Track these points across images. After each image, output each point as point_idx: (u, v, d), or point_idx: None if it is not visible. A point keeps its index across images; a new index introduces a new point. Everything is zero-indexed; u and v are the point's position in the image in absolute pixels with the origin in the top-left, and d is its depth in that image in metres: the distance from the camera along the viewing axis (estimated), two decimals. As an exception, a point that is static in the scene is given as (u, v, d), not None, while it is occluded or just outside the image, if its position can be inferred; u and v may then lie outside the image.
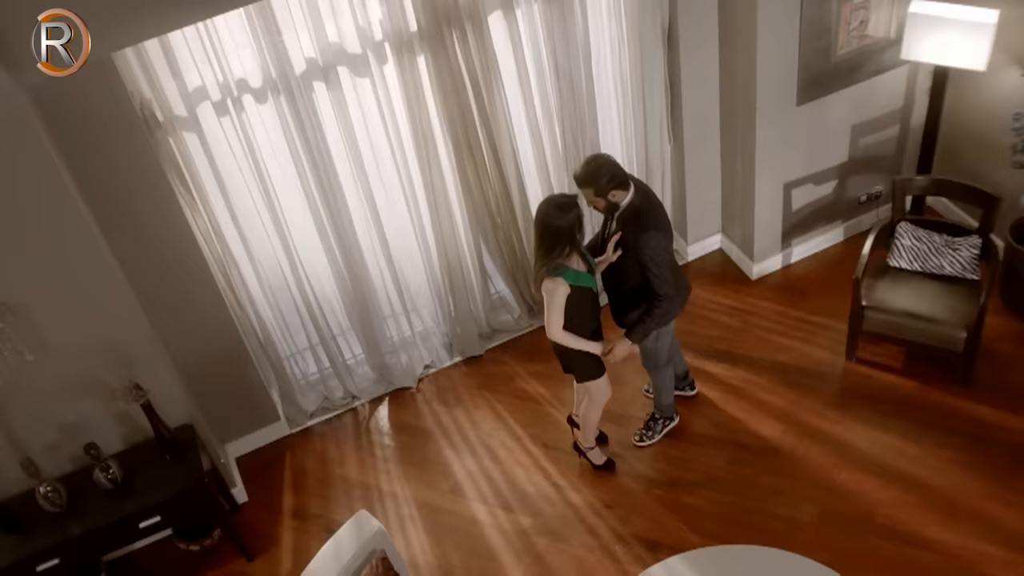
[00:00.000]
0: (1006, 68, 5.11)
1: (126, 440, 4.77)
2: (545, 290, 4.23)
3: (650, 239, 4.26)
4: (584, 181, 4.21)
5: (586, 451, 5.14)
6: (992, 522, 4.64)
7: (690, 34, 5.20)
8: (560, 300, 4.21)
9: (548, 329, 4.36)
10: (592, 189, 4.20)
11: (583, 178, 4.21)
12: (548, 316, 4.30)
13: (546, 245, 4.16)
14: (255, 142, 4.58)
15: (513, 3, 4.74)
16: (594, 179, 4.18)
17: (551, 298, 4.23)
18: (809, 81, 5.26)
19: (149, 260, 4.54)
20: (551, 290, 4.20)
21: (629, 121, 5.48)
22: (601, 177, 4.17)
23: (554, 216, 4.09)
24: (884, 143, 5.81)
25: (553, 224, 4.09)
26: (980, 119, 5.47)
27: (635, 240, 4.28)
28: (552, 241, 4.13)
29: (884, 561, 4.54)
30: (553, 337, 4.39)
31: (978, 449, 4.94)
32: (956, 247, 5.18)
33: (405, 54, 4.62)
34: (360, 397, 5.75)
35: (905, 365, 5.40)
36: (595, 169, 4.19)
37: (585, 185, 4.22)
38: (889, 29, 5.24)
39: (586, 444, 5.12)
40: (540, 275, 4.22)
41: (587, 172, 4.20)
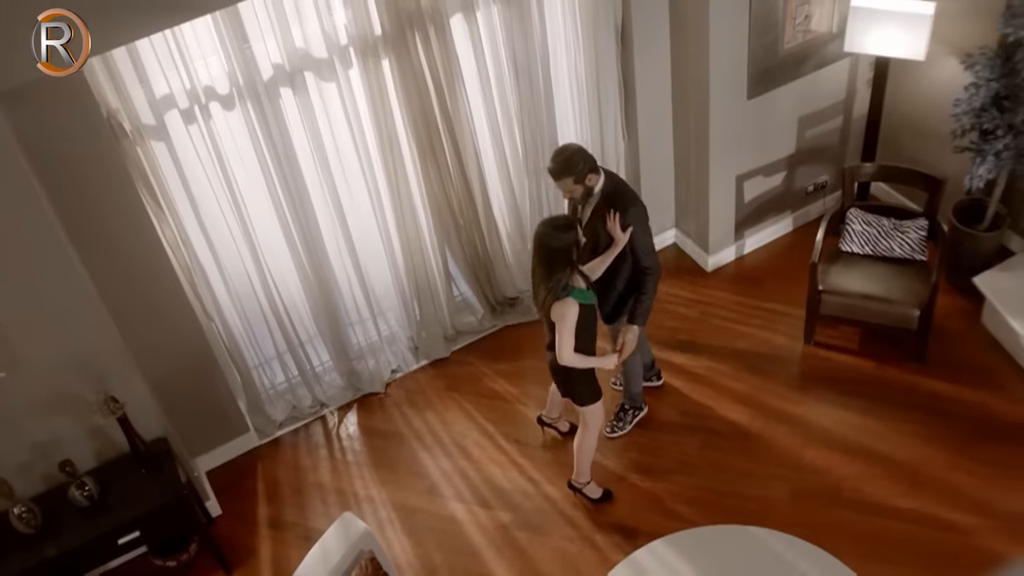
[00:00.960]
0: (944, 58, 5.35)
1: (99, 457, 4.69)
2: (556, 314, 4.19)
3: (633, 213, 4.41)
4: (562, 171, 4.29)
5: (582, 487, 5.02)
6: (955, 489, 4.84)
7: (643, 33, 5.33)
8: (572, 321, 4.18)
9: (560, 353, 4.29)
10: (571, 177, 4.29)
11: (560, 168, 4.29)
12: (560, 340, 4.24)
13: (548, 267, 4.13)
14: (223, 149, 4.56)
15: (473, 5, 4.82)
16: (571, 167, 4.27)
17: (563, 321, 4.19)
18: (758, 75, 5.44)
19: (117, 271, 4.48)
20: (563, 313, 4.18)
21: (585, 120, 5.59)
22: (576, 164, 4.27)
23: (554, 237, 4.08)
24: (828, 134, 6.02)
25: (553, 246, 4.08)
26: (920, 108, 5.72)
27: (625, 219, 4.40)
28: (554, 263, 4.11)
29: (856, 533, 4.70)
30: (566, 361, 4.32)
31: (936, 422, 5.15)
32: (904, 230, 5.40)
33: (370, 58, 4.66)
34: (329, 405, 5.73)
35: (861, 346, 5.60)
36: (569, 157, 4.29)
37: (564, 175, 4.30)
38: (832, 23, 5.45)
39: (582, 479, 4.99)
40: (548, 300, 4.18)
41: (563, 161, 4.28)
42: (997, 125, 5.02)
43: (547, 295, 4.18)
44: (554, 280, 4.13)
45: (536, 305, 4.35)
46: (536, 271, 4.23)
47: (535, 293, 4.31)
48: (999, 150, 5.00)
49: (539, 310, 4.32)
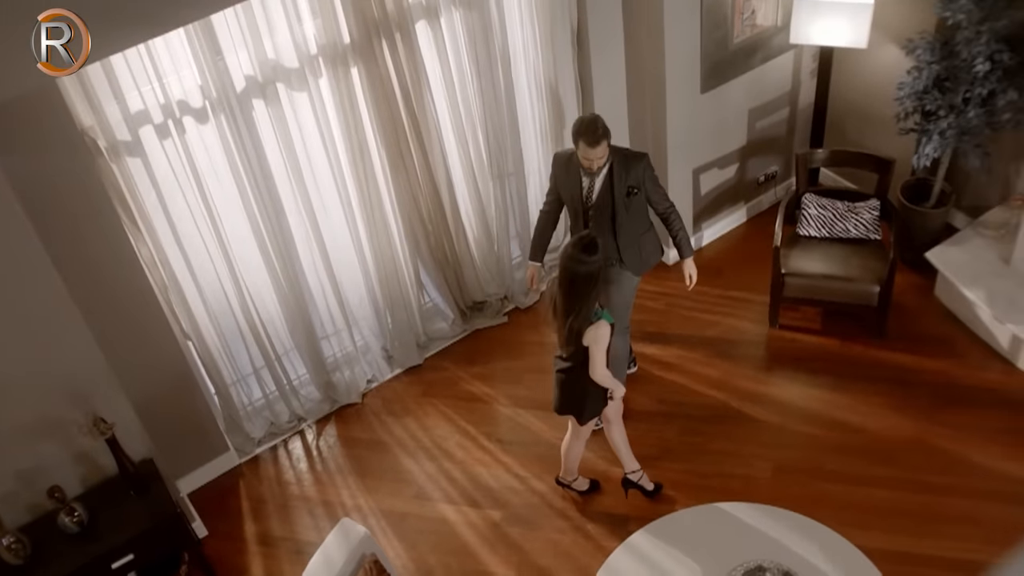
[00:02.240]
0: (885, 44, 5.61)
1: (85, 482, 4.61)
2: (590, 338, 4.18)
3: (645, 164, 4.69)
4: (603, 135, 4.44)
5: (570, 483, 5.11)
6: (928, 454, 5.05)
7: (598, 34, 5.47)
8: (606, 342, 4.20)
9: (594, 371, 4.29)
10: (607, 140, 4.46)
11: (603, 133, 4.43)
12: (595, 360, 4.25)
13: (575, 293, 4.09)
14: (197, 164, 4.55)
15: (437, 10, 4.90)
16: (607, 132, 4.47)
17: (598, 343, 4.19)
18: (710, 70, 5.63)
19: (96, 289, 4.42)
20: (597, 336, 4.17)
21: (545, 122, 5.70)
22: (607, 129, 4.47)
23: (581, 262, 4.04)
24: (776, 125, 6.24)
25: (584, 271, 4.05)
26: (863, 94, 5.97)
27: (639, 172, 4.66)
28: (587, 287, 4.08)
29: (839, 502, 4.86)
30: (599, 377, 4.32)
31: (903, 392, 5.36)
32: (858, 211, 5.62)
33: (339, 66, 4.70)
34: (307, 418, 5.72)
35: (824, 325, 5.80)
36: (603, 124, 4.46)
37: (604, 138, 4.45)
38: (776, 17, 5.67)
39: (569, 477, 5.07)
40: (584, 326, 4.16)
41: (603, 127, 4.44)
42: (939, 106, 5.28)
43: (575, 320, 4.14)
44: (586, 305, 4.10)
45: (560, 331, 4.29)
46: (560, 298, 4.18)
47: (558, 321, 4.25)
48: (943, 129, 5.25)
49: (564, 335, 4.26)
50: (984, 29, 4.90)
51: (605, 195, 4.69)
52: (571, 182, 4.75)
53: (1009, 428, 5.13)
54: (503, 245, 5.98)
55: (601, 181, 4.67)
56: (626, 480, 5.06)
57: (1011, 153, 5.53)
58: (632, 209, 4.76)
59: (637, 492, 5.07)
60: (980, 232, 5.67)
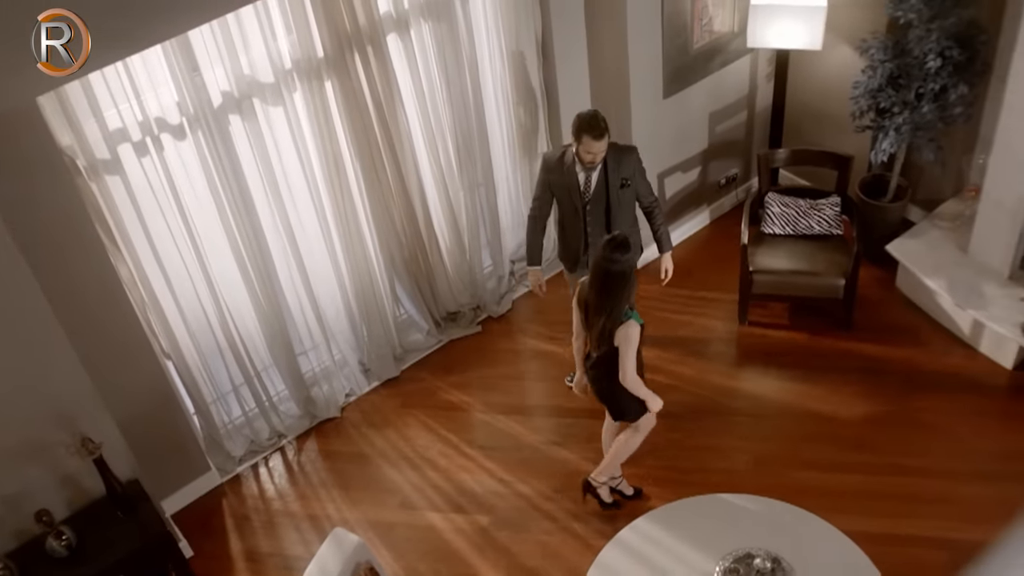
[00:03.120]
0: (839, 46, 5.81)
1: (71, 506, 4.55)
2: (621, 337, 4.21)
3: (636, 156, 4.87)
4: (606, 127, 4.61)
5: (598, 487, 5.03)
6: (899, 438, 5.21)
7: (563, 43, 5.59)
8: (636, 342, 4.23)
9: (624, 374, 4.31)
10: (608, 133, 4.62)
11: (605, 125, 4.60)
12: (625, 362, 4.27)
13: (608, 292, 4.14)
14: (176, 181, 4.56)
15: (408, 23, 4.97)
16: (607, 124, 4.63)
17: (628, 343, 4.22)
18: (672, 75, 5.77)
19: (77, 309, 4.38)
20: (627, 335, 4.21)
21: (513, 131, 5.80)
22: (606, 121, 4.65)
23: (618, 261, 4.10)
24: (736, 128, 6.40)
25: (617, 270, 4.11)
26: (819, 95, 6.16)
27: (630, 164, 4.84)
28: (619, 286, 4.13)
29: (817, 489, 4.98)
30: (630, 382, 4.35)
31: (872, 380, 5.53)
32: (820, 208, 5.79)
33: (313, 80, 4.75)
34: (287, 435, 5.71)
35: (792, 320, 5.95)
36: (602, 116, 4.63)
37: (607, 130, 4.62)
38: (733, 23, 5.84)
39: (601, 478, 5.00)
40: (616, 325, 4.20)
41: (604, 121, 4.61)
42: (893, 103, 5.47)
43: (608, 320, 4.19)
44: (618, 305, 4.15)
45: (592, 332, 4.34)
46: (593, 297, 4.22)
47: (591, 320, 4.29)
48: (899, 125, 5.44)
49: (596, 336, 4.31)
50: (934, 27, 5.10)
51: (601, 188, 4.84)
52: (566, 179, 4.86)
53: (975, 410, 5.32)
54: (475, 255, 6.05)
55: (597, 175, 4.81)
56: (588, 482, 5.07)
57: (962, 147, 5.74)
58: (624, 202, 4.92)
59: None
60: (936, 224, 5.87)
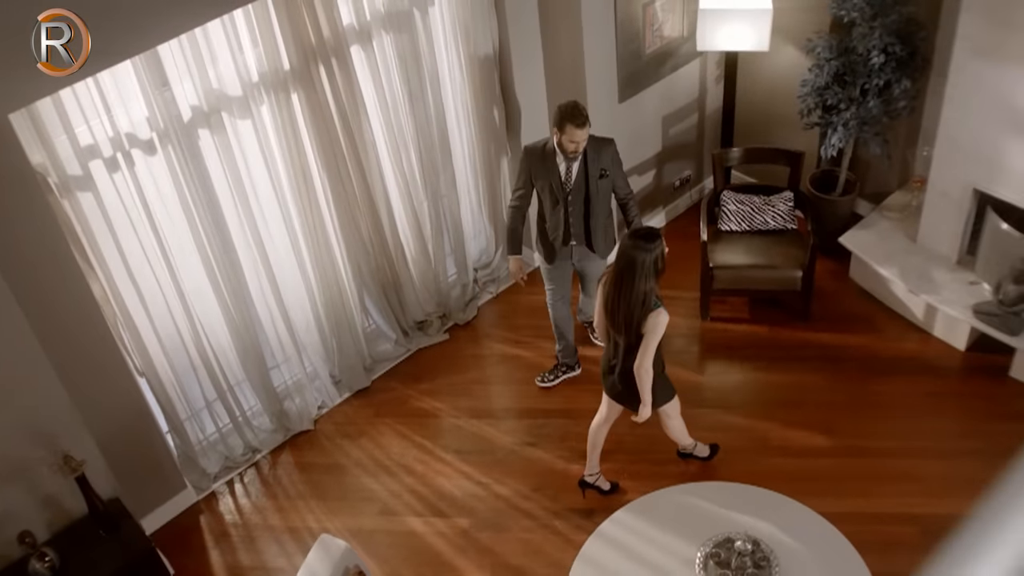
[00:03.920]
0: (785, 46, 6.02)
1: (51, 527, 4.51)
2: (649, 325, 4.30)
3: (614, 147, 5.03)
4: (587, 116, 4.78)
5: (692, 449, 5.23)
6: (861, 421, 5.41)
7: (519, 52, 5.70)
8: (662, 331, 4.33)
9: (642, 361, 4.38)
10: (589, 122, 4.79)
11: (586, 114, 4.78)
12: (646, 349, 4.35)
13: (634, 281, 4.22)
14: (147, 196, 4.57)
15: (370, 35, 5.05)
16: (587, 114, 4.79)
17: (654, 332, 4.31)
18: (626, 80, 5.93)
19: (51, 328, 4.36)
20: (656, 324, 4.29)
21: (473, 140, 5.90)
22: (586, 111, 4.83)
23: (648, 249, 4.20)
24: (688, 130, 6.58)
25: (646, 258, 4.20)
26: (768, 95, 6.36)
27: (608, 155, 5.01)
28: (641, 276, 4.21)
29: (788, 475, 5.12)
30: (642, 371, 4.41)
31: (832, 368, 5.72)
32: (773, 204, 5.98)
33: (280, 93, 4.80)
34: (261, 449, 5.70)
35: (752, 314, 6.12)
36: (583, 106, 4.80)
37: (588, 119, 4.79)
38: (683, 28, 6.02)
39: (686, 441, 5.16)
40: (645, 314, 4.28)
41: (584, 109, 4.79)
42: (840, 99, 5.69)
43: (638, 308, 4.26)
44: (644, 293, 4.23)
45: (614, 321, 4.39)
46: (618, 287, 4.29)
47: (613, 309, 4.37)
48: (846, 120, 5.66)
49: (622, 324, 4.36)
50: (876, 25, 5.32)
51: (581, 179, 5.00)
52: (548, 169, 5.01)
53: (930, 391, 5.54)
54: (439, 263, 6.12)
55: (577, 165, 4.96)
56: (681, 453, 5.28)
57: (906, 140, 5.98)
58: (602, 193, 5.09)
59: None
60: (885, 215, 6.10)
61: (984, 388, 5.50)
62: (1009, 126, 5.00)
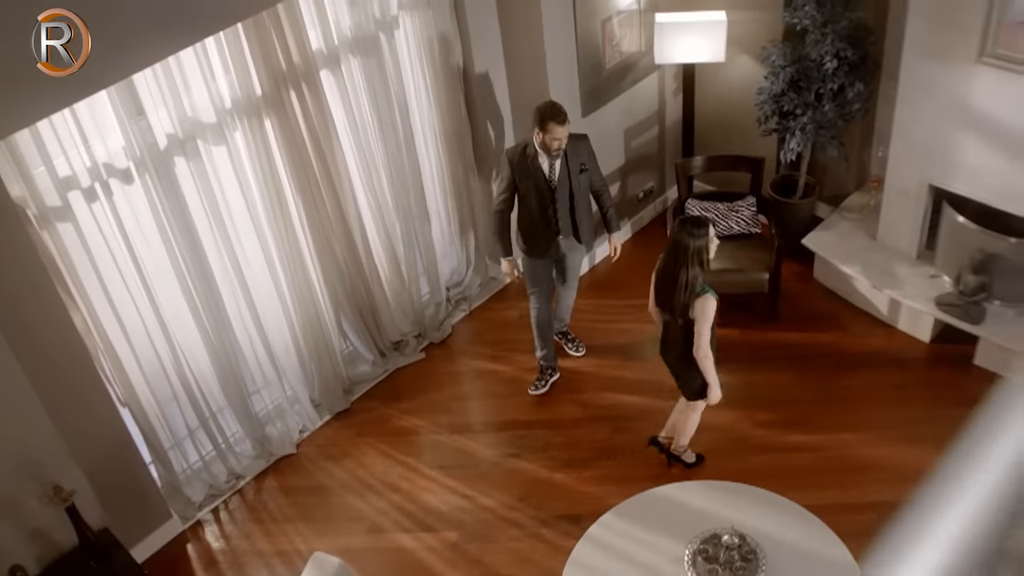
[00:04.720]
0: (740, 56, 6.20)
1: (41, 560, 4.48)
2: (698, 310, 4.49)
3: (588, 143, 5.28)
4: (567, 114, 4.99)
5: (681, 453, 5.35)
6: (834, 415, 5.58)
7: (483, 71, 5.82)
8: (712, 315, 4.51)
9: (699, 345, 4.58)
10: (568, 119, 5.01)
11: (566, 113, 5.00)
12: (700, 334, 4.55)
13: (684, 266, 4.43)
14: (126, 226, 4.59)
15: (339, 59, 5.14)
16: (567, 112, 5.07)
17: (704, 316, 4.50)
18: (588, 95, 6.07)
19: (35, 359, 4.36)
20: (704, 308, 4.48)
21: (442, 159, 6.00)
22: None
23: (698, 236, 4.41)
24: (649, 142, 6.74)
25: (696, 244, 4.40)
26: (725, 104, 6.54)
27: (586, 150, 5.28)
28: (691, 261, 4.41)
29: (768, 471, 5.24)
30: (703, 352, 4.61)
31: (803, 366, 5.87)
32: (737, 209, 6.14)
33: (253, 119, 4.86)
34: (245, 475, 5.70)
35: (722, 318, 6.06)
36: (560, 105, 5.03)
37: (567, 117, 5.01)
38: (640, 43, 6.18)
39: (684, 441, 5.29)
40: (691, 298, 4.48)
41: (562, 108, 5.02)
42: (796, 105, 5.88)
43: (684, 293, 4.47)
44: (691, 278, 4.43)
45: (660, 300, 4.64)
46: (669, 272, 4.52)
47: (663, 294, 4.58)
48: (803, 125, 5.85)
49: (671, 310, 4.58)
50: (828, 31, 5.53)
51: (563, 174, 5.22)
52: (531, 169, 5.21)
53: (897, 383, 5.73)
54: (413, 283, 6.20)
55: (559, 162, 5.17)
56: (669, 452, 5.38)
57: (861, 142, 6.19)
58: (583, 187, 5.34)
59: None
60: (845, 216, 6.29)
61: (950, 377, 5.68)
62: (960, 123, 5.20)
